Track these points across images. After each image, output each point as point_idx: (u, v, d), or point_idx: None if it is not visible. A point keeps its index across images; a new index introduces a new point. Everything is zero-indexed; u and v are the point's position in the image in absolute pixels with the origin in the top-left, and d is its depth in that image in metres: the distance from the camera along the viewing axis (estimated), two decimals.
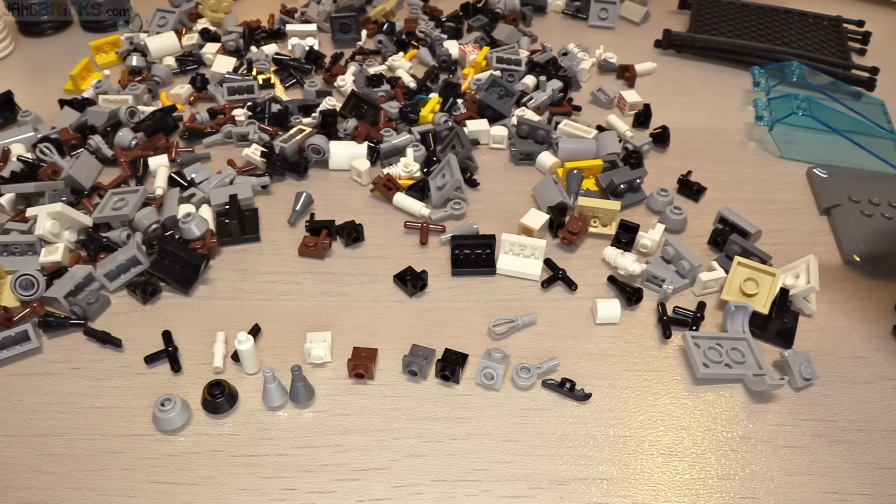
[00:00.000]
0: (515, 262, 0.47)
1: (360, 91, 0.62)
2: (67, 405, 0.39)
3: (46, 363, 0.41)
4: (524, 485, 0.36)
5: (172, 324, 0.43)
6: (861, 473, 0.37)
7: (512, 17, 0.75)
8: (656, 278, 0.46)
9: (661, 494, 0.36)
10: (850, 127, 0.59)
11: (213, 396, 0.38)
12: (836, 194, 0.54)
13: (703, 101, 0.66)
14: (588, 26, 0.78)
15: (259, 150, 0.55)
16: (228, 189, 0.51)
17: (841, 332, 0.45)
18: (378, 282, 0.47)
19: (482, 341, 0.43)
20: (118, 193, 0.50)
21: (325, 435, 0.38)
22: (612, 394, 0.40)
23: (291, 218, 0.51)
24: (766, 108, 0.62)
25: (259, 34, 0.73)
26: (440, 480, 0.36)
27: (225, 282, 0.47)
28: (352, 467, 0.36)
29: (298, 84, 0.66)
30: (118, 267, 0.44)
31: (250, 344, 0.40)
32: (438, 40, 0.71)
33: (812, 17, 0.77)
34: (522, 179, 0.56)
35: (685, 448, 0.38)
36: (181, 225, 0.48)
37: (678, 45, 0.73)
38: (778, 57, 0.69)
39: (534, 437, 0.38)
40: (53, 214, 0.46)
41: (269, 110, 0.60)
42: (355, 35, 0.72)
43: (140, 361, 0.41)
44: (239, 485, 0.35)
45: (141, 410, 0.39)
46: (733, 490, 0.36)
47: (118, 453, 0.37)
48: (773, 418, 0.39)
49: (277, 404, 0.39)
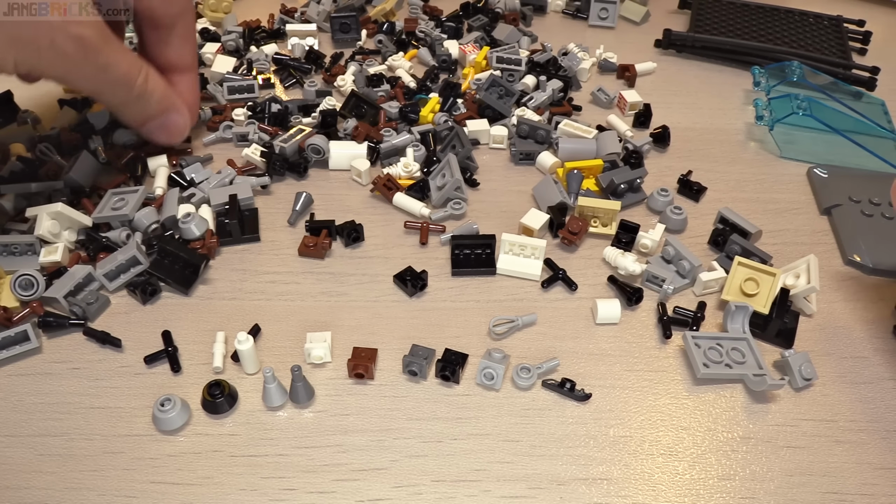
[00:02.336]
0: (515, 262, 0.47)
1: (360, 91, 0.62)
2: (67, 405, 0.39)
3: (46, 363, 0.41)
4: (524, 485, 0.36)
5: (172, 324, 0.43)
6: (861, 474, 0.37)
7: (512, 16, 0.75)
8: (656, 278, 0.46)
9: (661, 495, 0.36)
10: (851, 127, 0.59)
11: (212, 396, 0.38)
12: (836, 194, 0.54)
13: (703, 101, 0.66)
14: (588, 26, 0.78)
15: (259, 150, 0.55)
16: (228, 189, 0.51)
17: (841, 332, 0.45)
18: (378, 282, 0.47)
19: (482, 341, 0.43)
20: (118, 193, 0.50)
21: (325, 435, 0.38)
22: (612, 394, 0.40)
23: (291, 218, 0.51)
24: (766, 107, 0.62)
25: (259, 34, 0.72)
26: (440, 480, 0.36)
27: (225, 282, 0.47)
28: (352, 467, 0.36)
29: (298, 84, 0.66)
30: (118, 267, 0.44)
31: (250, 344, 0.40)
32: (438, 40, 0.71)
33: (812, 17, 0.77)
34: (522, 179, 0.56)
35: (685, 448, 0.38)
36: (181, 225, 0.48)
37: (678, 45, 0.73)
38: (778, 57, 0.69)
39: (534, 437, 0.38)
40: (53, 214, 0.46)
41: (269, 110, 0.59)
42: (355, 35, 0.72)
43: (140, 361, 0.41)
44: (239, 485, 0.35)
45: (141, 410, 0.39)
46: (733, 490, 0.36)
47: (118, 453, 0.37)
48: (773, 418, 0.39)
49: (277, 404, 0.39)
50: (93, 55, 0.42)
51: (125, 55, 0.45)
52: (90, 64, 0.42)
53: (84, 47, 0.41)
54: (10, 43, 0.39)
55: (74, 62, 0.42)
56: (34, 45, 0.39)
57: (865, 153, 0.58)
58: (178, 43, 0.51)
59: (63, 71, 0.42)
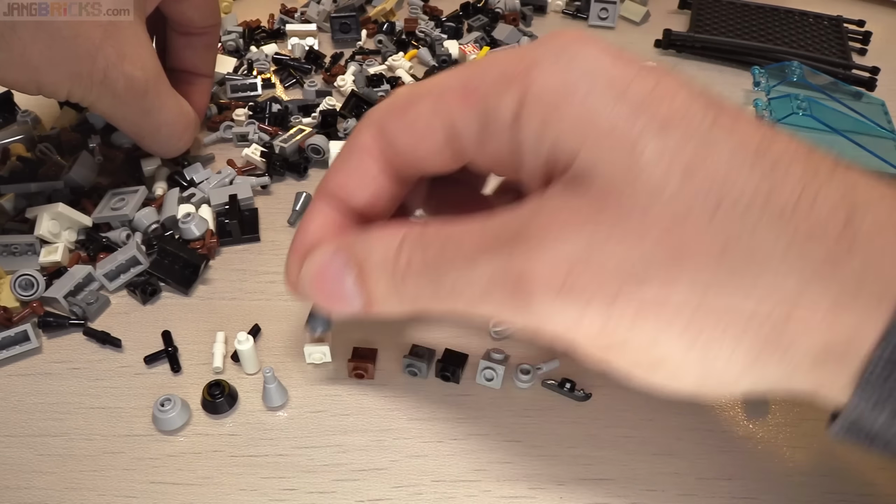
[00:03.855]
0: None
1: (360, 91, 0.62)
2: (67, 405, 0.39)
3: (46, 363, 0.41)
4: (524, 485, 0.36)
5: (172, 324, 0.43)
6: (862, 474, 0.37)
7: (512, 17, 0.75)
8: None
9: (660, 495, 0.36)
10: (851, 127, 0.59)
11: (212, 396, 0.38)
12: None
13: None
14: (588, 26, 0.78)
15: (259, 150, 0.55)
16: (228, 189, 0.51)
17: None
18: None
19: (482, 341, 0.43)
20: (118, 193, 0.50)
21: (325, 435, 0.38)
22: (612, 394, 0.40)
23: (291, 218, 0.51)
24: (766, 107, 0.62)
25: (259, 34, 0.72)
26: (440, 480, 0.36)
27: (225, 282, 0.47)
28: (352, 467, 0.36)
29: (298, 84, 0.66)
30: (118, 267, 0.44)
31: (250, 344, 0.40)
32: (438, 40, 0.71)
33: (812, 17, 0.77)
34: None
35: (685, 448, 0.38)
36: (181, 225, 0.48)
37: (678, 45, 0.73)
38: (778, 57, 0.69)
39: (534, 437, 0.38)
40: (53, 214, 0.46)
41: (269, 110, 0.60)
42: (355, 35, 0.72)
43: (140, 362, 0.41)
44: (239, 485, 0.35)
45: (141, 411, 0.39)
46: (733, 490, 0.36)
47: (118, 453, 0.37)
48: (773, 418, 0.39)
49: (277, 404, 0.39)
50: (140, 96, 0.43)
51: (174, 102, 0.47)
52: (136, 105, 0.44)
53: (133, 87, 0.42)
54: (68, 76, 0.40)
55: (122, 101, 0.43)
56: (89, 78, 0.40)
57: (865, 153, 0.58)
58: (203, 50, 0.53)
59: (110, 108, 0.44)
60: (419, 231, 0.28)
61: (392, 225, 0.29)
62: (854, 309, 0.24)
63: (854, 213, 0.24)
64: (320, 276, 0.30)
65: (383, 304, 0.30)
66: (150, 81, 0.43)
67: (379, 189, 0.31)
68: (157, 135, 0.47)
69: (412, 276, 0.27)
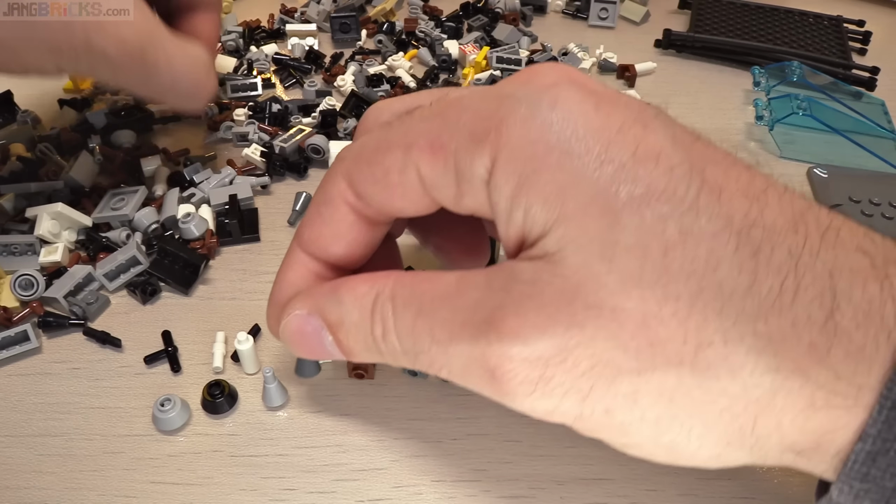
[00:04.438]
0: None
1: (360, 91, 0.62)
2: (67, 405, 0.39)
3: (46, 363, 0.41)
4: (524, 485, 0.36)
5: (172, 324, 0.43)
6: None
7: (512, 16, 0.75)
8: None
9: (660, 494, 0.36)
10: (851, 127, 0.59)
11: (212, 396, 0.38)
12: (836, 194, 0.54)
13: (703, 101, 0.66)
14: (588, 26, 0.78)
15: (259, 150, 0.55)
16: (228, 189, 0.51)
17: None
18: None
19: None
20: (118, 193, 0.50)
21: (325, 435, 0.38)
22: None
23: (291, 218, 0.51)
24: (766, 107, 0.62)
25: (259, 34, 0.73)
26: (440, 480, 0.36)
27: (225, 282, 0.47)
28: (352, 467, 0.36)
29: (298, 84, 0.66)
30: (118, 267, 0.44)
31: (250, 344, 0.40)
32: (438, 40, 0.71)
33: (812, 17, 0.77)
34: None
35: None
36: (181, 225, 0.48)
37: (678, 45, 0.73)
38: (778, 57, 0.69)
39: (534, 437, 0.38)
40: (53, 214, 0.46)
41: (269, 110, 0.60)
42: (355, 35, 0.72)
43: (140, 362, 0.41)
44: (239, 485, 0.35)
45: (140, 410, 0.39)
46: (733, 490, 0.36)
47: (118, 453, 0.37)
48: None
49: (277, 404, 0.39)
50: (138, 56, 0.39)
51: (181, 52, 0.42)
52: (138, 66, 0.39)
53: (126, 49, 0.38)
54: (48, 51, 0.37)
55: (120, 64, 0.39)
56: (71, 50, 0.37)
57: (865, 153, 0.58)
58: None
59: (112, 75, 0.40)
60: (390, 293, 0.27)
61: (365, 279, 0.28)
62: (830, 408, 0.23)
63: (835, 304, 0.23)
64: (299, 334, 0.30)
65: (365, 359, 0.29)
66: (145, 37, 0.39)
67: (356, 238, 0.30)
68: (176, 90, 0.43)
69: (388, 344, 0.27)
